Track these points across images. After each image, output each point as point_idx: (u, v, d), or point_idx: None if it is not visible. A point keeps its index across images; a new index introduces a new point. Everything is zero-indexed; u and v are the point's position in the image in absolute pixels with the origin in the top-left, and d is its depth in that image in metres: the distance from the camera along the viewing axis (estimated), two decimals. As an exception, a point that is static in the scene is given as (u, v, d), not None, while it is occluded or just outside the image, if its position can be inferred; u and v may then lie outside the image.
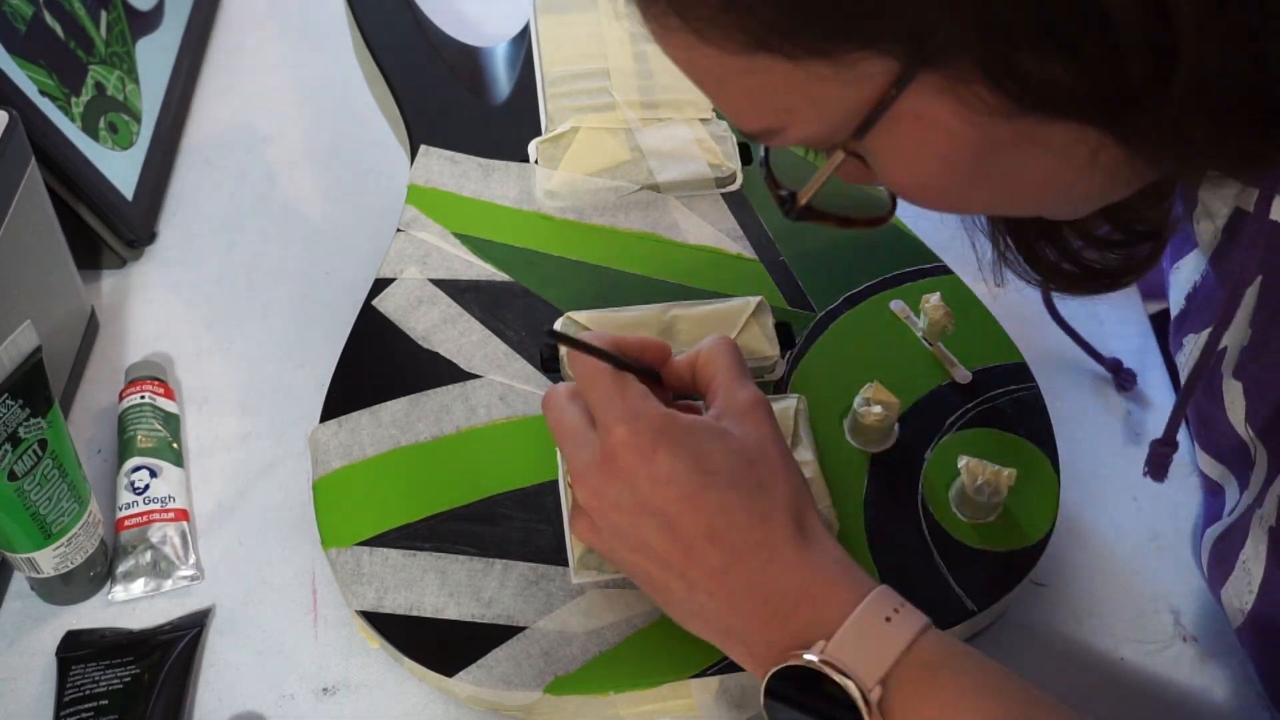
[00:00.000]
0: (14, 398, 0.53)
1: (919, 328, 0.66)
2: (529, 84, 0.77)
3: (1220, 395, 0.55)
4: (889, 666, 0.45)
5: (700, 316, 0.64)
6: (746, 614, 0.47)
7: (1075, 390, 0.70)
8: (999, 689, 0.46)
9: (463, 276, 0.67)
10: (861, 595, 0.46)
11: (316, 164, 0.83)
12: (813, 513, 0.50)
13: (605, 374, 0.49)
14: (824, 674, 0.44)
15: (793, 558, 0.47)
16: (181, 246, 0.78)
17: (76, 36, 0.76)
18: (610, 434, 0.48)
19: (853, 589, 0.47)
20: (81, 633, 0.59)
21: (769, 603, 0.47)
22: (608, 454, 0.48)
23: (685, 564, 0.48)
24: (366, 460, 0.60)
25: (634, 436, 0.48)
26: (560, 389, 0.52)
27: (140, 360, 0.70)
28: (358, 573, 0.57)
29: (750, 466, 0.49)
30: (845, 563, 0.49)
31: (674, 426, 0.48)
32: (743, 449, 0.49)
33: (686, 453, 0.48)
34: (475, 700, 0.56)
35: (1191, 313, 0.59)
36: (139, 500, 0.62)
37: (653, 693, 0.54)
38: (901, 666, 0.45)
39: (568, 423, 0.51)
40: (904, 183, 0.45)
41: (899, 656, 0.45)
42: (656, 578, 0.49)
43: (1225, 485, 0.59)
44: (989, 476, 0.57)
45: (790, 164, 0.51)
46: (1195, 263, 0.59)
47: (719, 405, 0.51)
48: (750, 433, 0.50)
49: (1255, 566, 0.54)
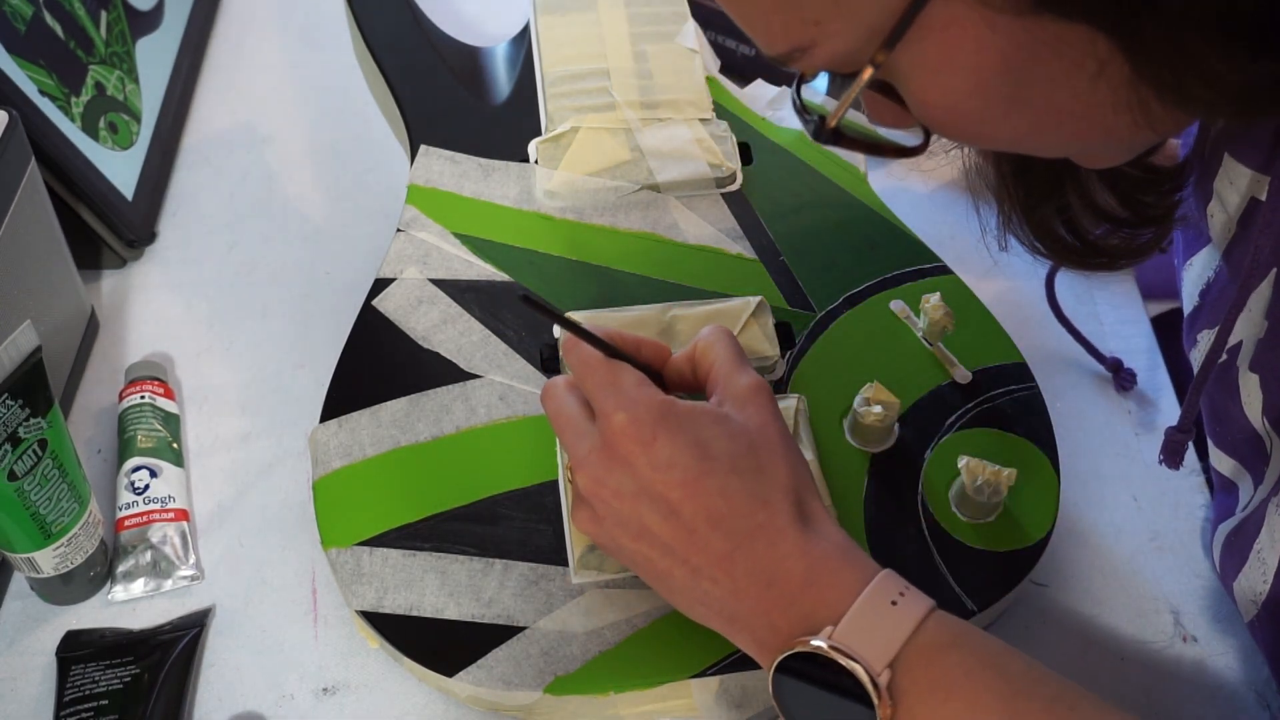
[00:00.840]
0: (14, 398, 0.53)
1: (919, 328, 0.66)
2: (529, 84, 0.77)
3: (1236, 389, 0.55)
4: (897, 650, 0.45)
5: (700, 316, 0.64)
6: (750, 599, 0.47)
7: (1075, 390, 0.70)
8: (1006, 667, 0.46)
9: (463, 276, 0.67)
10: (866, 579, 0.46)
11: (316, 164, 0.83)
12: (814, 497, 0.50)
13: (601, 362, 0.50)
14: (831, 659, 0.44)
15: (796, 542, 0.47)
16: (181, 246, 0.78)
17: (76, 36, 0.76)
18: (609, 421, 0.48)
19: (857, 572, 0.47)
20: (81, 633, 0.59)
21: (773, 587, 0.47)
22: (607, 441, 0.48)
23: (688, 550, 0.48)
24: (366, 460, 0.60)
25: (633, 423, 0.48)
26: (559, 381, 0.52)
27: (140, 360, 0.70)
28: (358, 573, 0.57)
29: (751, 451, 0.49)
30: (848, 546, 0.48)
31: (673, 412, 0.48)
32: (744, 433, 0.49)
33: (686, 438, 0.48)
34: (475, 700, 0.56)
35: (1205, 309, 0.59)
36: (139, 500, 0.62)
37: (653, 693, 0.54)
38: (909, 649, 0.45)
39: (566, 413, 0.51)
40: (934, 103, 0.44)
41: (906, 639, 0.45)
42: (659, 565, 0.49)
43: (1239, 482, 0.59)
44: (989, 476, 0.57)
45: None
46: (1208, 258, 0.58)
47: (719, 392, 0.51)
48: (751, 417, 0.50)
49: (1270, 554, 0.54)
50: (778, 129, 0.76)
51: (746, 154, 0.73)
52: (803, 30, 0.42)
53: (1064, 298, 0.74)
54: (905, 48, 0.42)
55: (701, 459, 0.48)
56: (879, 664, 0.44)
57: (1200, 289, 0.59)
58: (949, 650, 0.45)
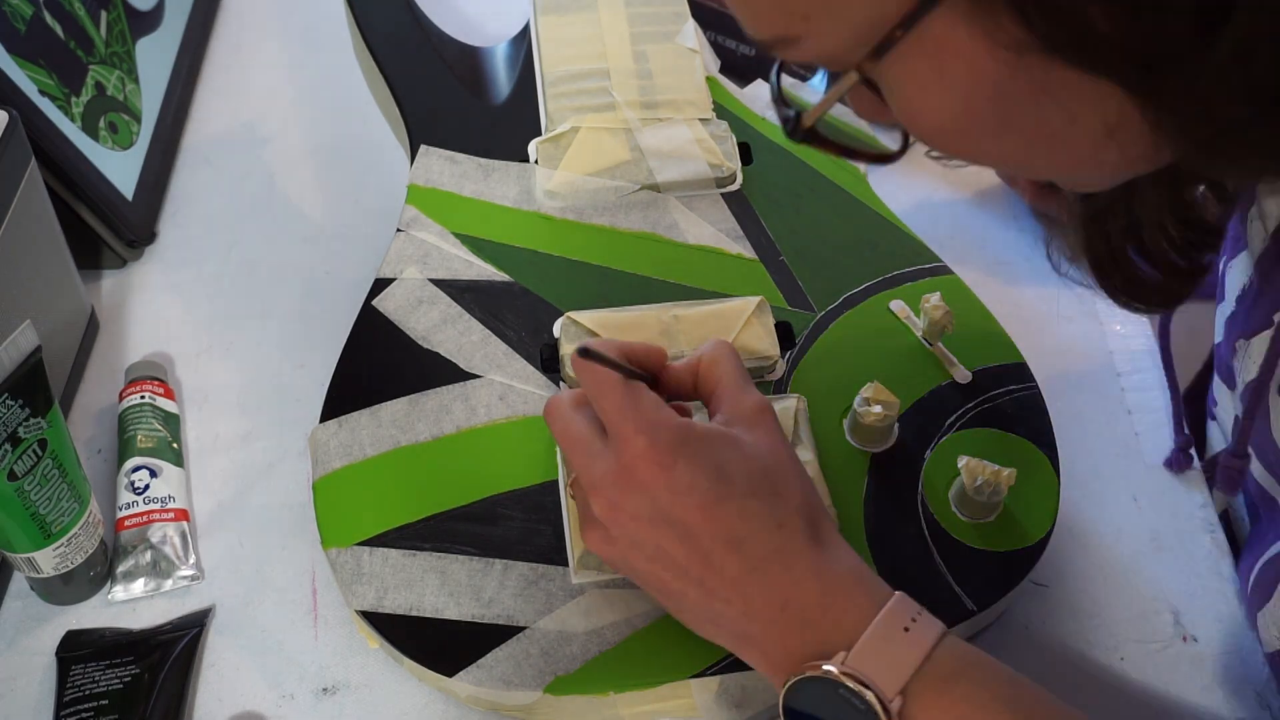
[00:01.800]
0: (14, 398, 0.53)
1: (919, 328, 0.66)
2: (529, 84, 0.77)
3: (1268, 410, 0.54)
4: (909, 676, 0.45)
5: (700, 316, 0.64)
6: (764, 621, 0.47)
7: (1075, 390, 0.70)
8: (1018, 699, 0.46)
9: (463, 276, 0.67)
10: (880, 603, 0.46)
11: (316, 164, 0.83)
12: (825, 517, 0.50)
13: (619, 384, 0.49)
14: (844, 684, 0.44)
15: (810, 565, 0.47)
16: (181, 246, 0.78)
17: (76, 36, 0.76)
18: (628, 445, 0.48)
19: (871, 597, 0.47)
20: (81, 633, 0.59)
21: (787, 610, 0.47)
22: (625, 465, 0.48)
23: (703, 572, 0.48)
24: (366, 460, 0.60)
25: (653, 448, 0.47)
26: (564, 398, 0.52)
27: (140, 360, 0.70)
28: (358, 573, 0.57)
29: (765, 474, 0.49)
30: (861, 569, 0.49)
31: (692, 436, 0.48)
32: (757, 456, 0.49)
33: (705, 463, 0.48)
34: (475, 700, 0.56)
35: (1240, 314, 0.58)
36: (139, 500, 0.62)
37: (653, 693, 0.54)
38: (921, 676, 0.45)
39: (577, 433, 0.50)
40: (919, 118, 0.43)
41: (918, 666, 0.45)
42: (672, 586, 0.49)
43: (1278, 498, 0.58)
44: (989, 476, 0.57)
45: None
46: (1246, 263, 0.58)
47: (726, 411, 0.51)
48: (760, 439, 0.50)
49: None
50: (778, 129, 0.76)
51: (746, 154, 0.73)
52: (789, 22, 0.41)
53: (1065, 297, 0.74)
54: (895, 59, 0.41)
55: (719, 483, 0.47)
56: (891, 690, 0.44)
57: (1237, 294, 0.58)
58: (959, 679, 0.45)
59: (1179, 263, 0.55)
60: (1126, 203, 0.53)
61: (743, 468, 0.48)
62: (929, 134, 0.44)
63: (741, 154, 0.73)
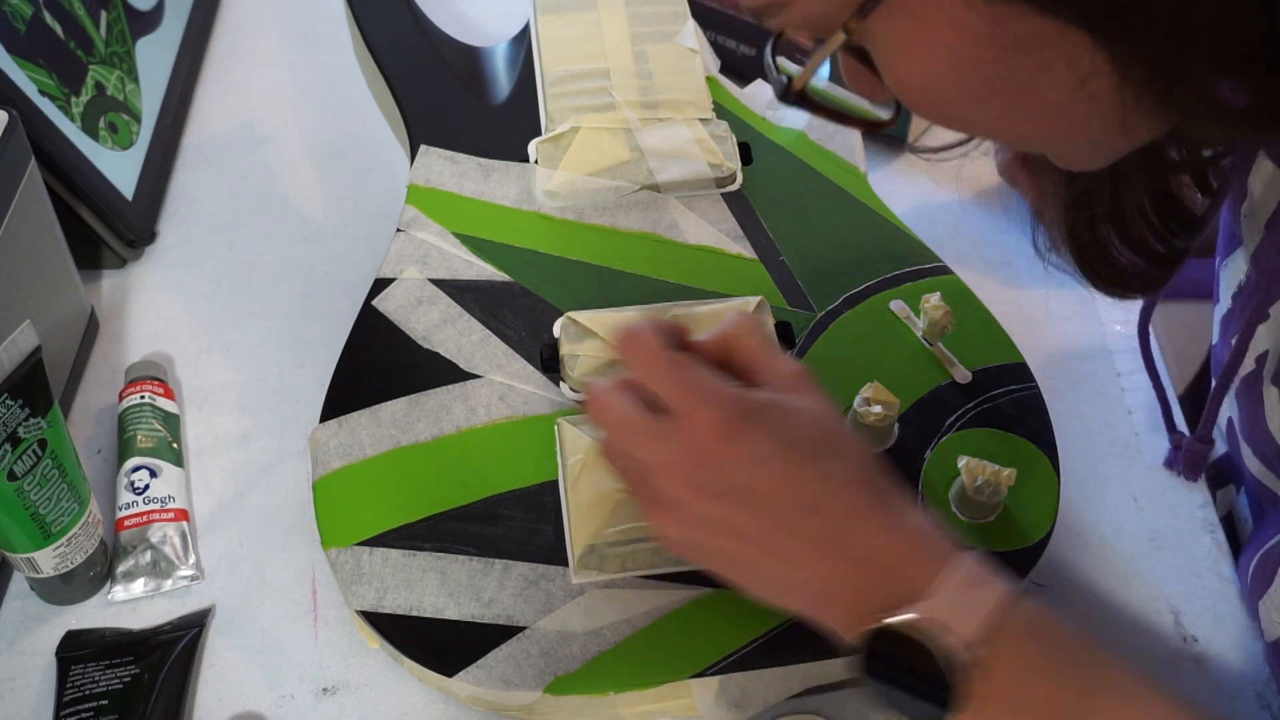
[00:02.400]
0: (14, 398, 0.53)
1: (919, 328, 0.66)
2: (529, 84, 0.77)
3: (1261, 400, 0.55)
4: (990, 626, 0.44)
5: (700, 316, 0.64)
6: (846, 580, 0.47)
7: (1075, 390, 0.70)
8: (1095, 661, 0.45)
9: (463, 276, 0.67)
10: (954, 556, 0.47)
11: (316, 164, 0.83)
12: (885, 474, 0.50)
13: (676, 360, 0.48)
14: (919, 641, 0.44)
15: (883, 520, 0.48)
16: (181, 246, 0.78)
17: (76, 36, 0.76)
18: (694, 421, 0.47)
19: (945, 550, 0.47)
20: (81, 633, 0.59)
21: (868, 566, 0.47)
22: (694, 442, 0.47)
23: (782, 540, 0.47)
24: (366, 460, 0.60)
25: (721, 420, 0.47)
26: (605, 386, 0.50)
27: (140, 360, 0.70)
28: (357, 573, 0.57)
29: (826, 437, 0.49)
30: (930, 524, 0.48)
31: (753, 405, 0.48)
32: (815, 420, 0.49)
33: (770, 429, 0.48)
34: (475, 700, 0.56)
35: (1236, 312, 0.58)
36: (139, 500, 0.62)
37: (653, 693, 0.54)
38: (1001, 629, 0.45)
39: (634, 419, 0.49)
40: (907, 80, 0.44)
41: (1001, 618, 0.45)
42: (746, 559, 0.49)
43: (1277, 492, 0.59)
44: (989, 476, 0.57)
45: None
46: (1241, 259, 0.58)
47: (766, 378, 0.51)
48: (812, 404, 0.50)
49: None
50: (778, 129, 0.76)
51: (746, 154, 0.73)
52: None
53: (1063, 297, 0.74)
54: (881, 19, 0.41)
55: (789, 448, 0.47)
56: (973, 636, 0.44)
57: (1233, 291, 0.59)
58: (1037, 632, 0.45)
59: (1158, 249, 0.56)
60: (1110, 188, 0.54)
61: (806, 433, 0.48)
62: (916, 97, 0.45)
63: (741, 154, 0.73)
